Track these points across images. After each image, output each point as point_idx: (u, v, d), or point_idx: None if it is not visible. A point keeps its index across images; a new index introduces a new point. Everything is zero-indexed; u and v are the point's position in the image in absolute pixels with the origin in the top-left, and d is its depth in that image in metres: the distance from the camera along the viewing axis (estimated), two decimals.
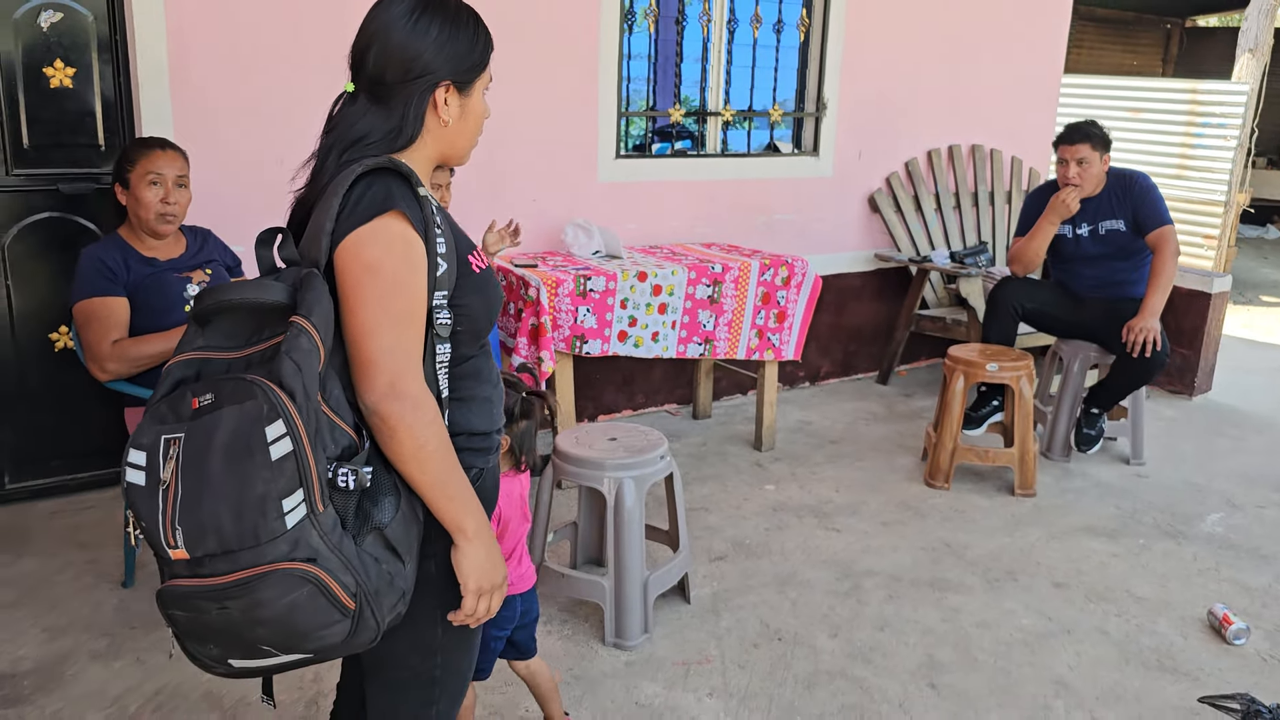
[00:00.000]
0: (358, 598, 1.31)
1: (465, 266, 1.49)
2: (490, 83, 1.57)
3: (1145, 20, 12.83)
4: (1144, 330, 3.96)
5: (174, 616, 1.32)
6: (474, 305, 1.49)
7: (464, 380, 1.51)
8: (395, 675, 1.56)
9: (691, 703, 2.62)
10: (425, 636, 1.52)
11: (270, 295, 1.34)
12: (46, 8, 3.33)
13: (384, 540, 1.36)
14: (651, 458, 2.89)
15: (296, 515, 1.26)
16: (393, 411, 1.35)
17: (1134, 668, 2.85)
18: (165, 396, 1.33)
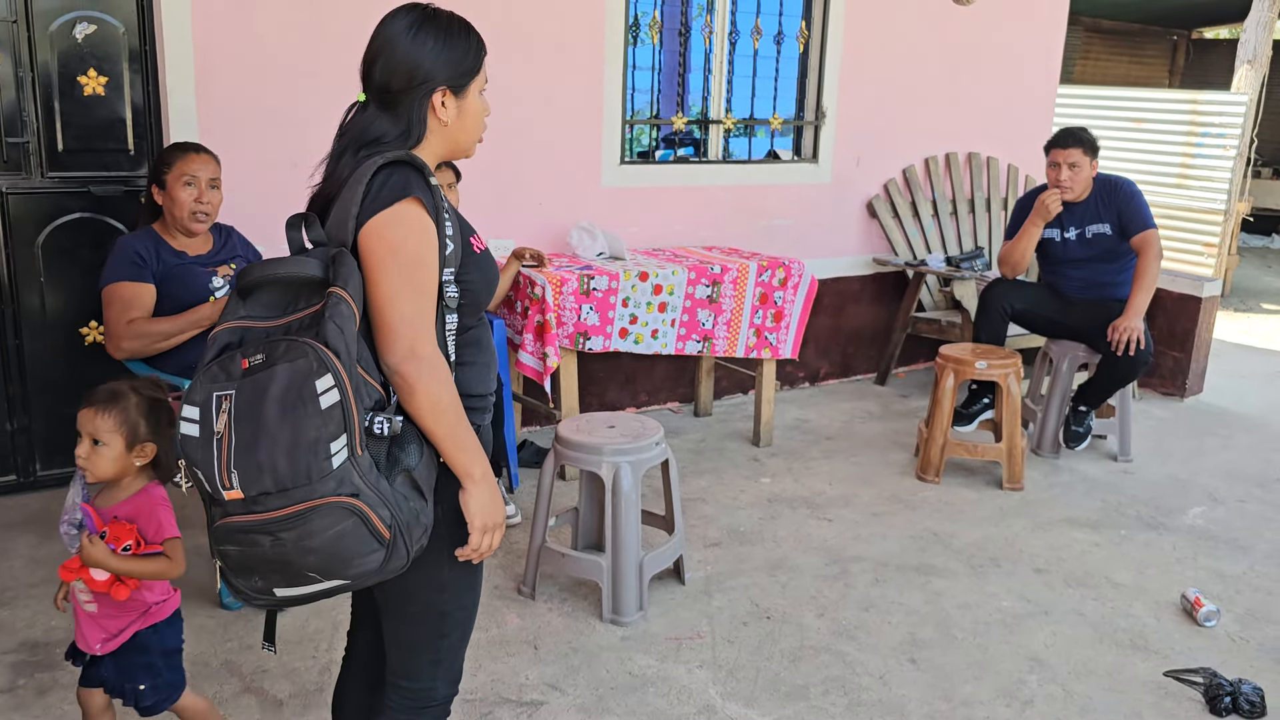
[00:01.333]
0: (393, 529, 1.51)
1: (468, 247, 1.69)
2: (486, 84, 1.76)
3: (1151, 32, 12.96)
4: (1127, 329, 4.10)
5: (225, 552, 1.53)
6: (475, 281, 1.69)
7: (466, 348, 1.71)
8: (411, 610, 1.74)
9: (682, 673, 2.78)
10: (437, 574, 1.71)
11: (308, 270, 1.54)
12: (81, 20, 3.53)
13: (411, 481, 1.56)
14: (647, 443, 3.05)
15: (340, 457, 1.46)
16: (411, 371, 1.55)
17: (1107, 646, 2.99)
18: (215, 359, 1.52)
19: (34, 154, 3.56)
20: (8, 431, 3.70)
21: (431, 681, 1.80)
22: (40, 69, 3.50)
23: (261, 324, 1.55)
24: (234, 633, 2.88)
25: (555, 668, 2.78)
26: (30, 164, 3.56)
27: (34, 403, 3.73)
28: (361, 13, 3.90)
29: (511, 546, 3.49)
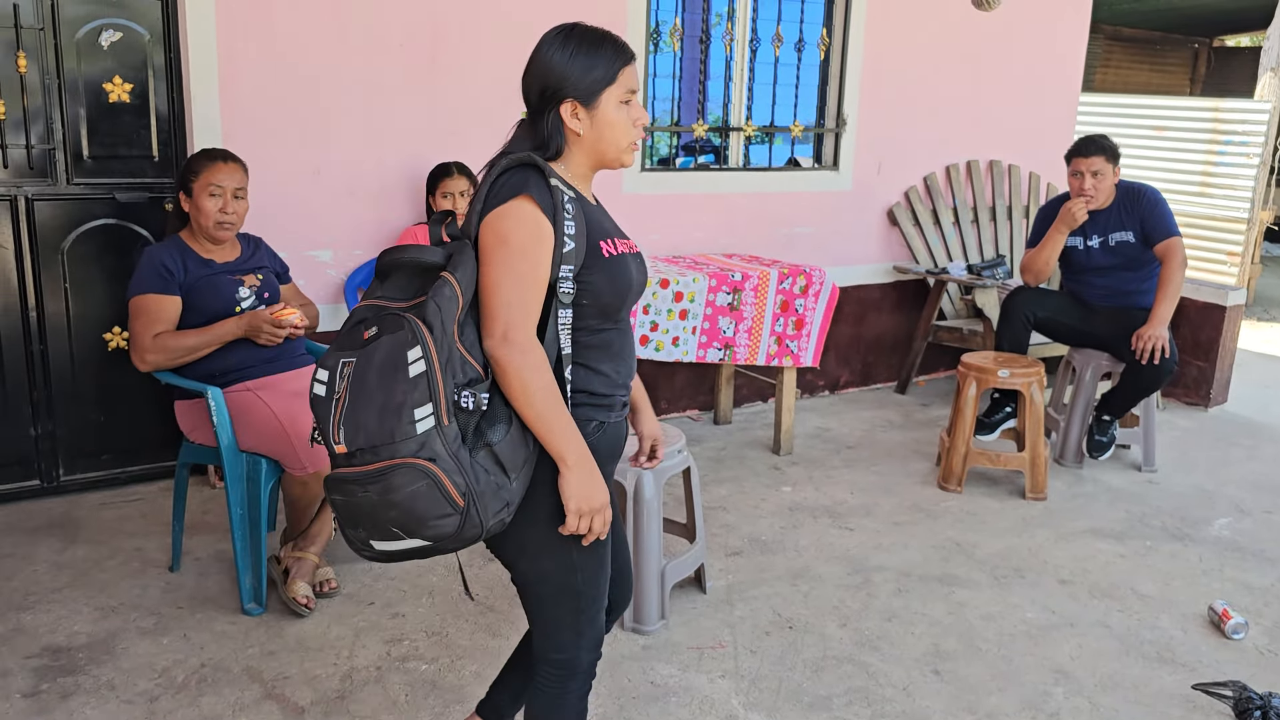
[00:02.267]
0: (467, 497, 1.63)
1: (595, 249, 1.78)
2: (632, 93, 1.83)
3: (1173, 40, 12.90)
4: (1152, 338, 4.07)
5: (334, 501, 1.71)
6: (598, 283, 1.78)
7: (592, 350, 1.81)
8: (546, 591, 1.88)
9: (704, 683, 2.76)
10: (566, 555, 1.83)
11: (431, 257, 1.73)
12: (107, 28, 3.56)
13: (494, 456, 1.68)
14: (669, 451, 3.03)
15: (426, 424, 1.60)
16: (503, 355, 1.67)
17: (1133, 659, 2.96)
18: (348, 331, 1.73)
19: (60, 160, 3.58)
20: (31, 436, 3.72)
21: (575, 651, 1.92)
22: (66, 76, 3.53)
23: (391, 304, 1.72)
24: (255, 639, 2.89)
25: None
26: (56, 170, 3.58)
27: (58, 408, 3.75)
28: (383, 20, 3.93)
29: None
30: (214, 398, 2.94)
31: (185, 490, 3.27)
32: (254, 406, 2.99)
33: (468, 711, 2.55)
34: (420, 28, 4.02)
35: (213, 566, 3.31)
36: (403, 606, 3.09)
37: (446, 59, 4.09)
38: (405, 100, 4.03)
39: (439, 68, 4.08)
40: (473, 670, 2.77)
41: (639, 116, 1.84)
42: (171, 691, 2.63)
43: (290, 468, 2.93)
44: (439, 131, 4.11)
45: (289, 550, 3.12)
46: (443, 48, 4.08)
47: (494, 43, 4.18)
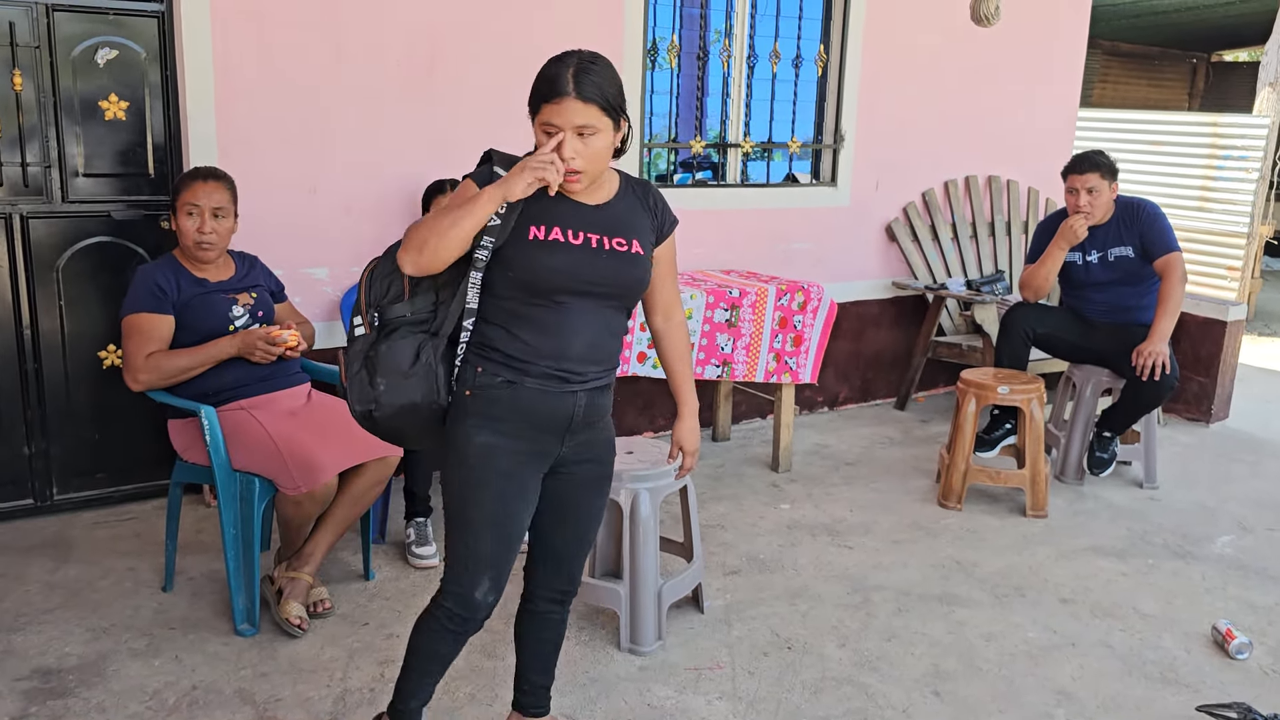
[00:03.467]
0: (348, 380, 2.17)
1: (522, 230, 2.05)
2: (544, 125, 2.03)
3: (1171, 55, 12.93)
4: (1152, 354, 4.05)
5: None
6: (517, 260, 2.05)
7: (517, 318, 2.07)
8: (447, 516, 2.16)
9: (701, 705, 2.73)
10: (456, 486, 2.14)
11: None
12: (103, 46, 3.55)
13: (369, 361, 2.14)
14: (666, 470, 3.01)
15: (359, 330, 2.16)
16: (401, 256, 2.07)
17: (1136, 679, 2.92)
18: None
19: (55, 178, 3.57)
20: (25, 455, 3.70)
21: (462, 586, 2.14)
22: (62, 94, 3.52)
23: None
24: (248, 660, 2.85)
25: (573, 698, 2.73)
26: (51, 188, 3.57)
27: (52, 426, 3.72)
28: (380, 38, 3.93)
29: None
30: (207, 417, 2.92)
31: (179, 510, 3.24)
32: (248, 426, 2.97)
33: None
34: (417, 45, 4.02)
35: (206, 586, 3.28)
36: (397, 627, 3.06)
37: (443, 76, 4.09)
38: (401, 118, 4.03)
39: (435, 85, 4.08)
40: (467, 692, 2.74)
41: (546, 142, 2.01)
42: (163, 714, 2.60)
43: (284, 487, 2.91)
44: (436, 149, 4.10)
45: (282, 570, 3.09)
46: (439, 65, 4.07)
47: (490, 60, 4.18)
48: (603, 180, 2.14)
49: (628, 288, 2.14)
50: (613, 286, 2.11)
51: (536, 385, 2.09)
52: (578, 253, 2.07)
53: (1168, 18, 10.59)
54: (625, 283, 2.13)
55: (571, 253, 2.06)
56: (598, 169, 2.07)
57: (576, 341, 2.09)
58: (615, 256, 2.10)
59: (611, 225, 2.11)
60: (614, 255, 2.10)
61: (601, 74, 2.02)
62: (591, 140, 2.01)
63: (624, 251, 2.11)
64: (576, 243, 2.07)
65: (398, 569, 3.45)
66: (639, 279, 2.15)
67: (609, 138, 2.04)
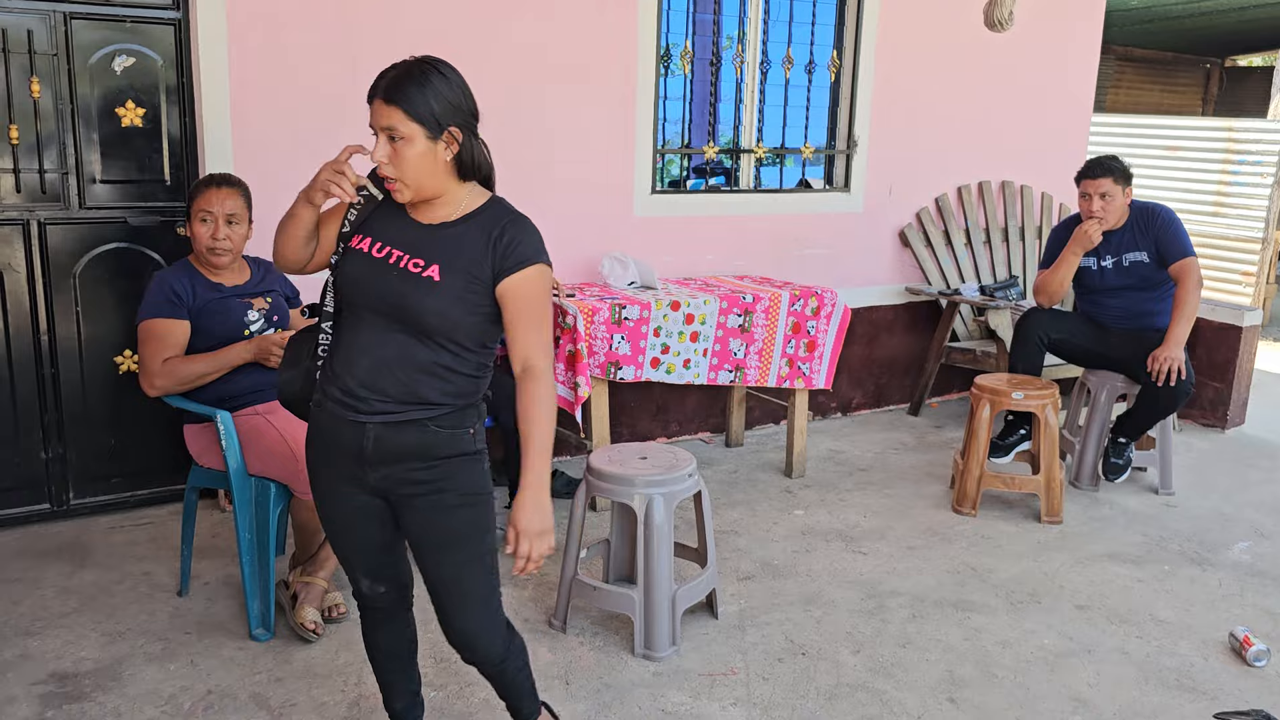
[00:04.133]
0: None
1: (348, 239, 2.04)
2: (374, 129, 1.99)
3: (1184, 60, 12.87)
4: (1168, 360, 4.03)
5: None
6: (335, 266, 2.04)
7: (334, 329, 2.07)
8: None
9: (716, 711, 2.72)
10: None
11: None
12: (120, 53, 3.58)
13: None
14: (680, 475, 3.01)
15: None
16: None
17: (1153, 686, 2.90)
18: None
19: (72, 185, 3.59)
20: (42, 460, 3.72)
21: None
22: (80, 101, 3.54)
23: None
24: (263, 665, 2.86)
25: (587, 704, 2.73)
26: (68, 194, 3.60)
27: (68, 431, 3.74)
28: (393, 44, 3.94)
29: (542, 579, 3.45)
30: (223, 422, 2.93)
31: (194, 514, 3.25)
32: (263, 431, 2.98)
33: None
34: (431, 51, 4.02)
35: (221, 591, 3.29)
36: None
37: None
38: None
39: None
40: (481, 698, 2.74)
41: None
42: (178, 719, 2.61)
43: (299, 492, 2.92)
44: None
45: (297, 575, 3.10)
46: None
47: (504, 64, 4.19)
48: (451, 200, 2.01)
49: (412, 313, 1.94)
50: (395, 308, 1.95)
51: (332, 408, 2.02)
52: (370, 266, 1.98)
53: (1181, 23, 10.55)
54: (409, 306, 1.94)
55: (365, 265, 1.98)
56: (418, 180, 1.94)
57: (361, 362, 1.98)
58: (404, 277, 1.95)
59: (423, 246, 1.98)
60: (404, 276, 1.95)
61: (426, 82, 1.93)
62: (403, 148, 1.91)
63: (415, 273, 1.95)
64: (377, 256, 1.98)
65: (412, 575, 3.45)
66: (428, 306, 1.93)
67: (423, 148, 1.92)
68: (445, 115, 1.94)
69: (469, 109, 2.00)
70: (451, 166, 1.99)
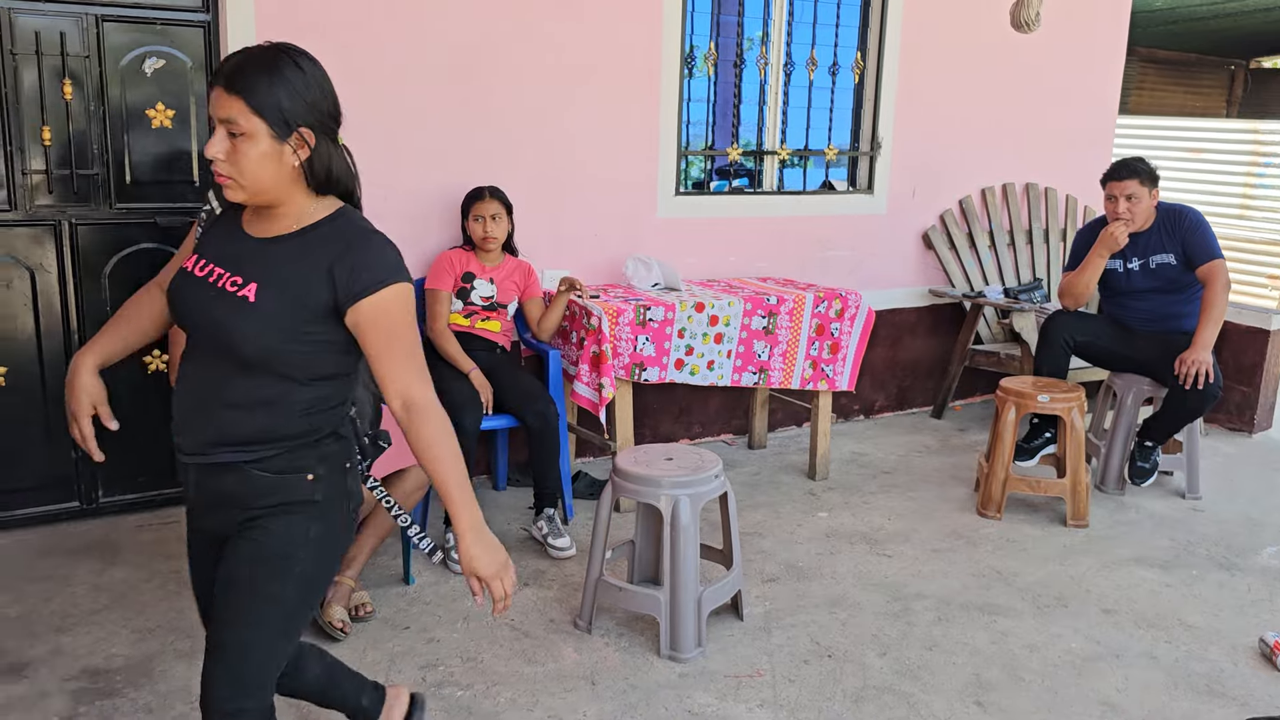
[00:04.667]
0: None
1: (184, 261, 1.88)
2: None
3: (1208, 62, 12.77)
4: (1196, 363, 4.00)
5: None
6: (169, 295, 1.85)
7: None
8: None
9: (742, 713, 2.72)
10: None
11: None
12: (151, 55, 3.61)
13: None
14: (706, 476, 3.01)
15: None
16: None
17: (1182, 692, 2.88)
18: None
19: (102, 186, 3.63)
20: (71, 459, 3.75)
21: None
22: (110, 103, 3.58)
23: None
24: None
25: (613, 705, 2.74)
26: (99, 195, 3.63)
27: (98, 430, 3.76)
28: (421, 47, 3.96)
29: (567, 579, 3.46)
30: None
31: None
32: None
33: None
34: (457, 58, 4.05)
35: None
36: (438, 631, 3.08)
37: (480, 86, 4.11)
38: (440, 126, 4.06)
39: (473, 95, 4.10)
40: (508, 697, 2.75)
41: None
42: None
43: None
44: (473, 156, 4.13)
45: None
46: (478, 73, 4.10)
47: (530, 67, 4.20)
48: (293, 211, 1.76)
49: (224, 338, 1.71)
50: (210, 333, 1.74)
51: (184, 462, 1.84)
52: (191, 286, 1.76)
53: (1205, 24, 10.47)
54: (223, 330, 1.71)
55: (187, 285, 1.77)
56: (255, 183, 1.69)
57: (182, 397, 1.80)
58: (220, 297, 1.72)
59: (245, 262, 1.74)
60: (219, 295, 1.72)
61: (277, 73, 1.68)
62: (243, 145, 1.66)
63: (231, 292, 1.72)
64: (198, 275, 1.77)
65: (437, 574, 3.47)
66: (241, 331, 1.69)
67: (266, 148, 1.67)
68: (296, 113, 1.69)
69: (328, 109, 1.75)
70: (300, 174, 1.72)
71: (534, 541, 3.73)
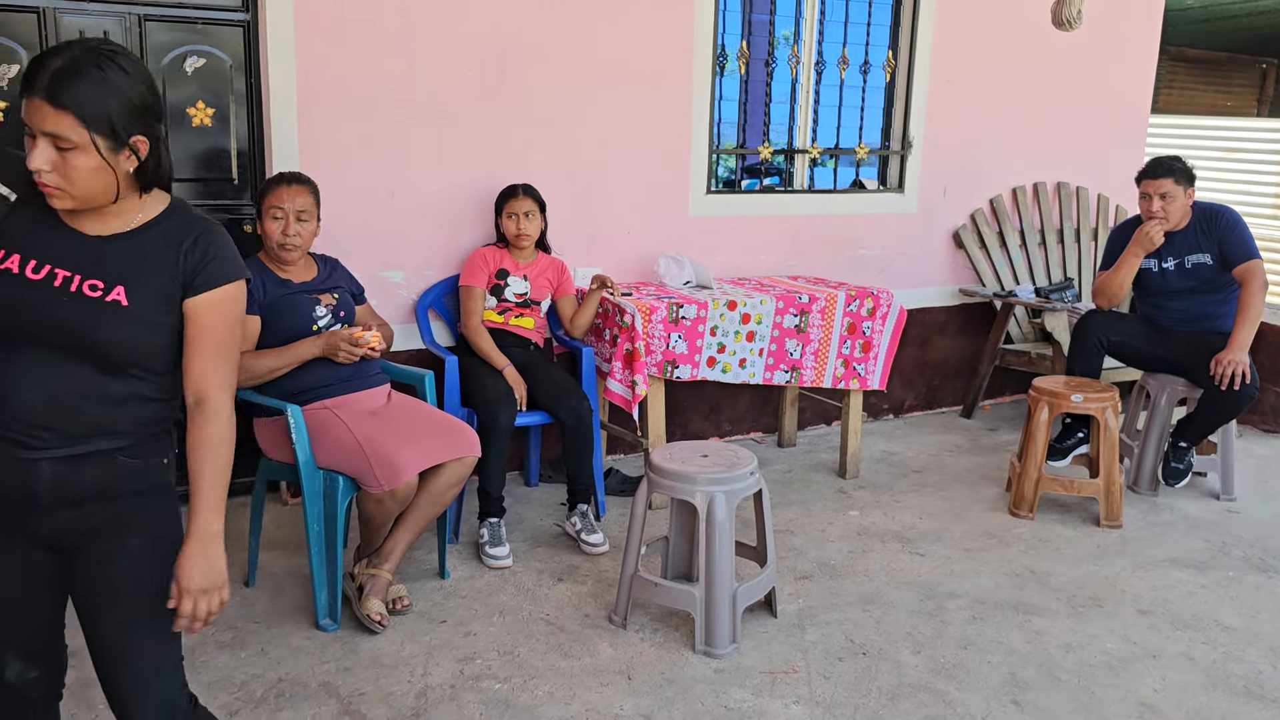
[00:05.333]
0: None
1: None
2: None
3: (1239, 60, 12.65)
4: (1233, 363, 3.97)
5: None
6: None
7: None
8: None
9: (779, 709, 2.73)
10: None
11: None
12: (192, 54, 3.65)
13: None
14: (742, 473, 3.02)
15: None
16: None
17: (1221, 693, 2.87)
18: None
19: None
20: None
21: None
22: None
23: None
24: (331, 654, 2.91)
25: (649, 699, 2.75)
26: None
27: None
28: (453, 48, 3.99)
29: (601, 575, 3.48)
30: (293, 415, 2.98)
31: (263, 506, 3.32)
32: (332, 425, 3.04)
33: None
34: (487, 55, 4.08)
35: (287, 582, 3.35)
36: (474, 625, 3.11)
37: (512, 85, 4.14)
38: (474, 124, 4.08)
39: (506, 93, 4.13)
40: (546, 690, 2.77)
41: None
42: (250, 706, 2.66)
43: (368, 485, 2.96)
44: (506, 154, 4.16)
45: (363, 567, 3.15)
46: (509, 75, 4.13)
47: (562, 65, 4.22)
48: (125, 208, 1.71)
49: (98, 345, 1.66)
50: (74, 339, 1.66)
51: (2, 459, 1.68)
52: (26, 289, 1.66)
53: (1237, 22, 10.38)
54: (94, 338, 1.66)
55: (18, 288, 1.66)
56: (87, 193, 1.64)
57: (28, 397, 1.66)
58: (81, 303, 1.66)
59: (97, 263, 1.68)
60: (79, 301, 1.66)
61: (105, 81, 1.59)
62: (73, 158, 1.59)
63: (94, 298, 1.66)
64: (34, 278, 1.66)
65: (472, 568, 3.49)
66: (118, 337, 1.67)
67: (98, 162, 1.60)
68: (130, 121, 1.62)
69: (155, 108, 1.67)
70: (131, 177, 1.67)
71: (567, 537, 3.75)
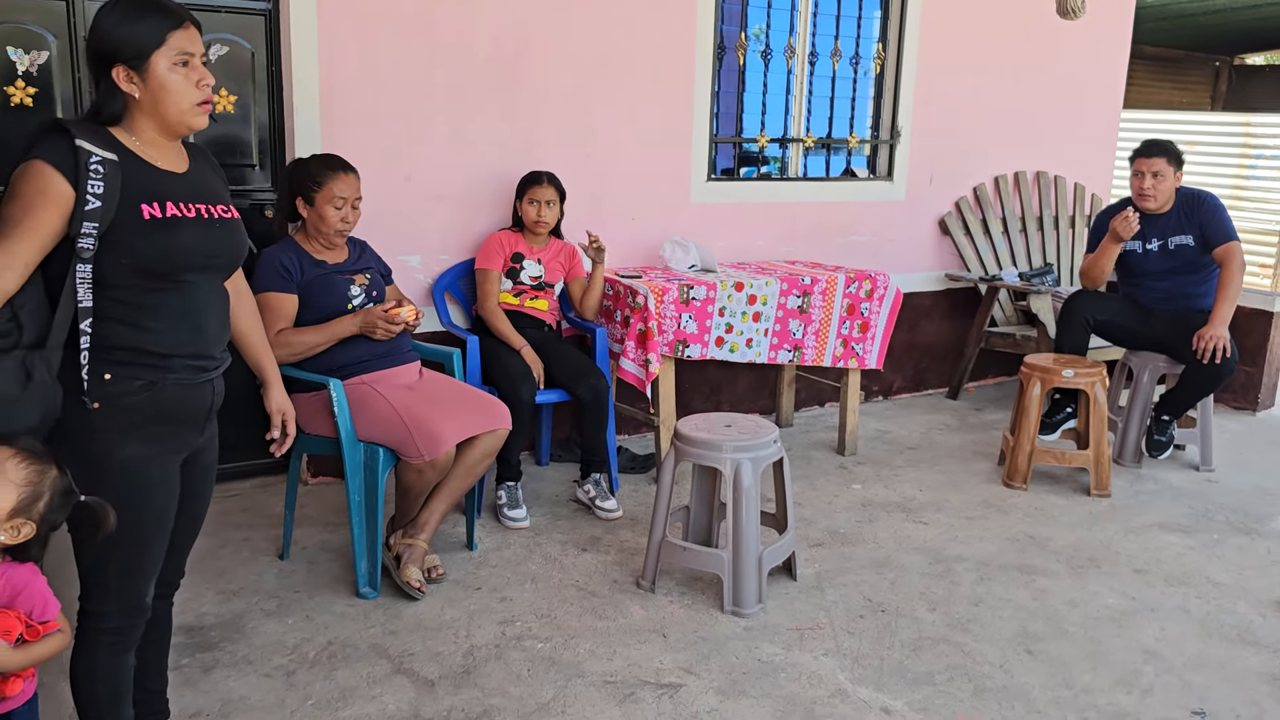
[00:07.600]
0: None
1: (133, 211, 1.85)
2: (185, 56, 1.88)
3: (1194, 58, 13.04)
4: (1214, 338, 4.19)
5: None
6: (136, 244, 1.85)
7: (142, 309, 1.88)
8: (82, 534, 1.94)
9: (809, 661, 2.88)
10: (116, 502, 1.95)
11: None
12: (214, 43, 3.72)
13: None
14: (765, 441, 3.17)
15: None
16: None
17: (1216, 641, 3.07)
18: None
19: None
20: None
21: (103, 606, 1.99)
22: None
23: None
24: (375, 619, 3.02)
25: (686, 654, 2.89)
26: None
27: None
28: (470, 36, 4.10)
29: (623, 545, 3.61)
30: (335, 389, 3.08)
31: (297, 481, 3.41)
32: (372, 399, 3.14)
33: (589, 684, 2.70)
34: (503, 43, 4.19)
35: (321, 555, 3.45)
36: (509, 591, 3.22)
37: (528, 71, 4.25)
38: (489, 111, 4.19)
39: (521, 80, 4.24)
40: (587, 648, 2.90)
41: (201, 78, 1.90)
42: (305, 666, 2.76)
43: (408, 456, 3.07)
44: (520, 140, 4.27)
45: (400, 537, 3.25)
46: (524, 62, 4.24)
47: (572, 55, 4.34)
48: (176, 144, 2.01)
49: (240, 257, 2.06)
50: (229, 257, 2.02)
51: (176, 380, 1.94)
52: (197, 227, 1.93)
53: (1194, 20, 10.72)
54: (240, 252, 2.05)
55: (193, 227, 1.92)
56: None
57: (211, 323, 1.98)
58: (226, 225, 2.00)
59: (205, 191, 1.99)
60: (225, 224, 1.99)
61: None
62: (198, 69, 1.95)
63: (230, 219, 2.02)
64: (190, 215, 1.92)
65: (498, 540, 3.61)
66: (244, 247, 2.07)
67: (130, 89, 1.89)
68: (97, 51, 1.90)
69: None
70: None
71: (585, 511, 3.88)
